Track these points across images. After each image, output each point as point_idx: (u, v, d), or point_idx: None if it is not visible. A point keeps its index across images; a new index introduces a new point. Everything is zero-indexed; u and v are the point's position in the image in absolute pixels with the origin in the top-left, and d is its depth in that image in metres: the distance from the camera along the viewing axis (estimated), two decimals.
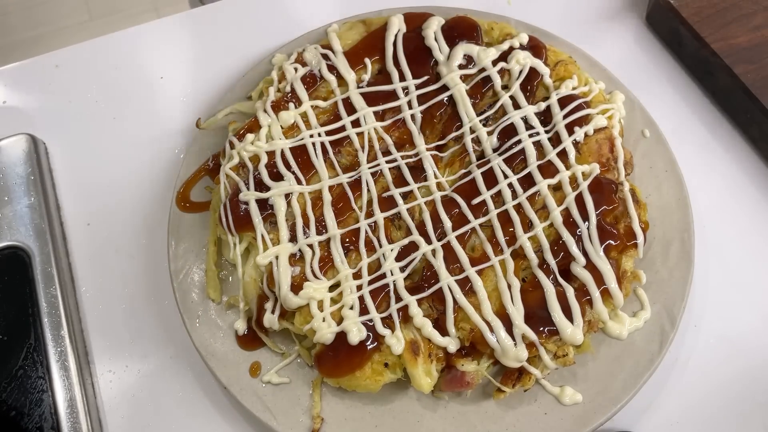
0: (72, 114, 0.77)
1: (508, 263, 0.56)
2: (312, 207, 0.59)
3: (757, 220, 0.67)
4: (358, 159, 0.63)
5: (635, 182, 0.64)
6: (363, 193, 0.60)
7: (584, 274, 0.55)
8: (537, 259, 0.57)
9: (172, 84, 0.78)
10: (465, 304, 0.54)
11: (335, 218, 0.59)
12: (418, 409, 0.56)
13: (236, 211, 0.59)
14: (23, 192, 0.68)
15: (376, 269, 0.57)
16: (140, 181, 0.72)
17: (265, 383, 0.57)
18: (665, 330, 0.57)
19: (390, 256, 0.57)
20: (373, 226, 0.59)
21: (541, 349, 0.53)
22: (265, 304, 0.57)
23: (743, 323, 0.62)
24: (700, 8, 0.74)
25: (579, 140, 0.62)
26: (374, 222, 0.59)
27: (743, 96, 0.69)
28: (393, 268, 0.56)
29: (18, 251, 0.65)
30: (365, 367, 0.53)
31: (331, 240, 0.58)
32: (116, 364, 0.62)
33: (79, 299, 0.65)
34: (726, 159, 0.71)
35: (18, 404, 0.58)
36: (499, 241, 0.57)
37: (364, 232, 0.58)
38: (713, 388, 0.59)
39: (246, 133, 0.64)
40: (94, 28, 2.05)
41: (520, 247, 0.57)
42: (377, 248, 0.58)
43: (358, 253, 0.58)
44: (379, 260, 0.57)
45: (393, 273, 0.56)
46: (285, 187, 0.60)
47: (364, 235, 0.58)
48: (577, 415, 0.54)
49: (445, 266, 0.56)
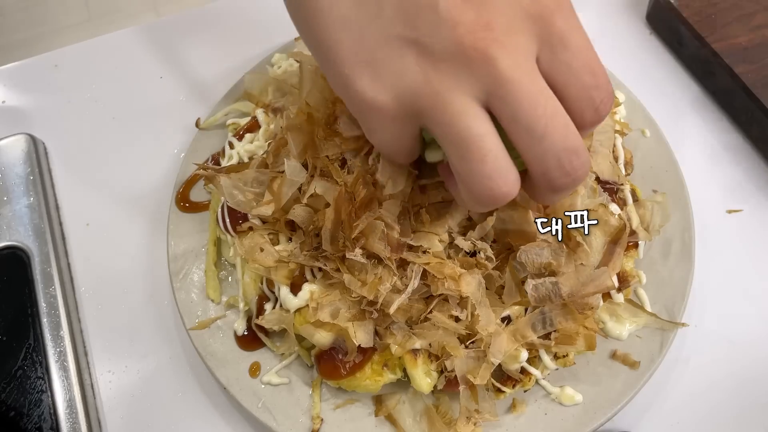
0: (71, 114, 0.77)
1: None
2: None
3: (757, 219, 0.67)
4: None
5: (635, 182, 0.64)
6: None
7: None
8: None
9: (172, 84, 0.78)
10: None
11: None
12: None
13: (234, 212, 0.59)
14: (22, 192, 0.68)
15: None
16: (140, 181, 0.72)
17: (264, 384, 0.56)
18: (665, 330, 0.56)
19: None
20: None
21: (541, 349, 0.53)
22: (265, 304, 0.57)
23: (744, 323, 0.62)
24: (700, 8, 0.74)
25: None
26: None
27: (744, 96, 0.69)
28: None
29: (17, 251, 0.65)
30: (365, 367, 0.53)
31: None
32: (116, 365, 0.62)
33: (78, 299, 0.65)
34: (726, 158, 0.71)
35: (17, 405, 0.58)
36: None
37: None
38: (714, 388, 0.59)
39: (245, 133, 0.64)
40: (93, 27, 2.05)
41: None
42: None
43: None
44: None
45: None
46: None
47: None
48: (577, 415, 0.54)
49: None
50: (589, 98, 0.36)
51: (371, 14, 0.35)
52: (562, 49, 0.35)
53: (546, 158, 0.35)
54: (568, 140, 0.35)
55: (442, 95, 0.35)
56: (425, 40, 0.34)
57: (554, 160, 0.35)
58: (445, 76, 0.34)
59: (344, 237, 0.50)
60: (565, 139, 0.34)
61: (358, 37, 0.36)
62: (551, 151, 0.35)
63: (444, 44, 0.33)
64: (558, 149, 0.35)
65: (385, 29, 0.35)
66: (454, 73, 0.34)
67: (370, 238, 0.49)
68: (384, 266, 0.50)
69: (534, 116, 0.34)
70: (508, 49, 0.33)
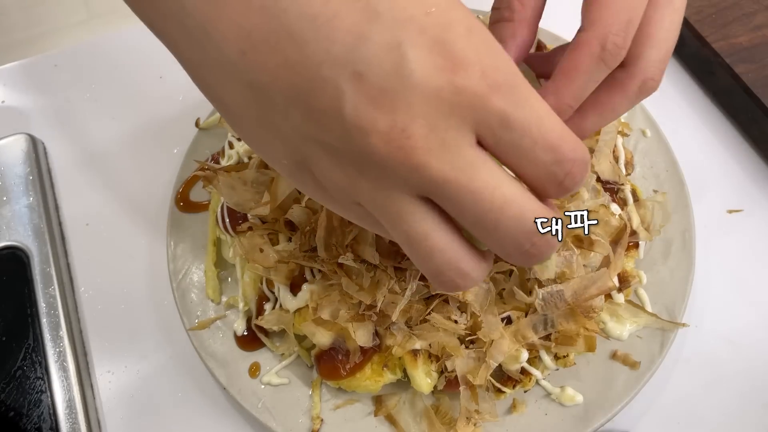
0: (71, 114, 0.77)
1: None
2: None
3: (757, 219, 0.67)
4: None
5: (636, 182, 0.64)
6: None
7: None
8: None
9: (171, 84, 0.78)
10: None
11: None
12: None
13: (234, 212, 0.59)
14: (22, 192, 0.68)
15: None
16: (139, 181, 0.72)
17: (264, 384, 0.56)
18: (666, 330, 0.56)
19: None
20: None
21: (542, 349, 0.53)
22: (264, 304, 0.57)
23: (745, 323, 0.62)
24: (700, 7, 0.74)
25: None
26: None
27: (744, 95, 0.69)
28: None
29: (16, 251, 0.65)
30: (365, 367, 0.53)
31: None
32: (115, 365, 0.62)
33: (77, 299, 0.65)
34: (727, 158, 0.71)
35: (16, 405, 0.58)
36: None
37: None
38: (714, 388, 0.59)
39: None
40: (93, 27, 2.05)
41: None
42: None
43: None
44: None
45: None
46: None
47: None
48: (577, 415, 0.54)
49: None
50: (549, 175, 0.31)
51: (279, 116, 0.32)
52: (504, 130, 0.30)
53: (503, 245, 0.32)
54: (526, 225, 0.31)
55: (374, 201, 0.32)
56: (339, 146, 0.30)
57: (513, 246, 0.32)
58: (374, 182, 0.31)
59: (337, 243, 0.50)
60: (521, 225, 0.31)
61: (277, 140, 0.33)
62: (507, 238, 0.31)
63: (362, 153, 0.29)
64: (513, 236, 0.31)
65: (298, 130, 0.31)
66: (383, 178, 0.30)
67: (361, 245, 0.48)
68: (381, 270, 0.50)
69: (480, 213, 0.30)
70: (434, 151, 0.29)
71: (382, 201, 0.31)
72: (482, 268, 0.34)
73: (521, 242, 0.32)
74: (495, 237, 0.31)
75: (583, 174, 0.32)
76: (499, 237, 0.31)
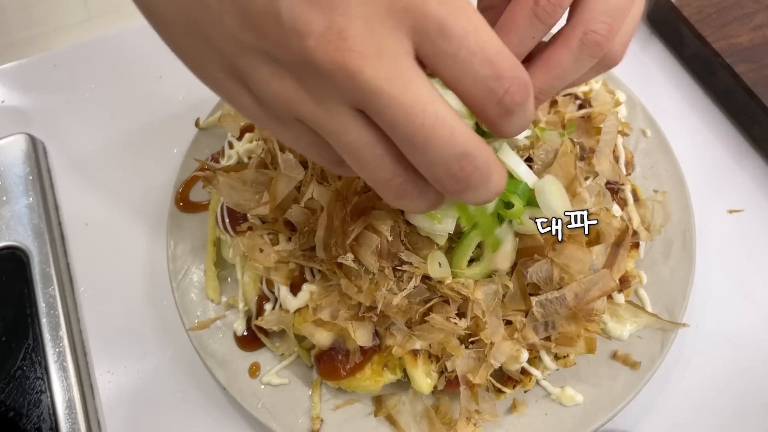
0: (70, 114, 0.77)
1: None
2: None
3: (758, 219, 0.67)
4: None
5: (636, 182, 0.64)
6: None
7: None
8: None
9: (171, 84, 0.78)
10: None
11: None
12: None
13: (234, 212, 0.59)
14: (21, 192, 0.68)
15: None
16: (139, 181, 0.71)
17: (264, 384, 0.56)
18: (666, 330, 0.56)
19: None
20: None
21: (542, 350, 0.53)
22: (264, 304, 0.57)
23: (745, 323, 0.62)
24: (701, 7, 0.74)
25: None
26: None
27: (744, 95, 0.69)
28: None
29: (16, 251, 0.65)
30: (365, 368, 0.53)
31: None
32: (115, 365, 0.62)
33: (77, 299, 0.65)
34: (727, 158, 0.71)
35: (16, 405, 0.57)
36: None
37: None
38: (715, 388, 0.59)
39: (245, 133, 0.64)
40: (92, 27, 2.05)
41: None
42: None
43: None
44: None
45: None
46: None
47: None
48: (577, 415, 0.54)
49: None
50: (487, 91, 0.31)
51: (212, 22, 0.31)
52: (443, 39, 0.29)
53: (433, 168, 0.31)
54: (456, 147, 0.30)
55: (315, 114, 0.31)
56: (276, 54, 0.30)
57: (442, 169, 0.31)
58: (313, 94, 0.30)
59: (336, 244, 0.49)
60: (451, 146, 0.30)
61: (211, 50, 0.32)
62: (437, 160, 0.31)
63: (299, 59, 0.29)
64: (444, 158, 0.31)
65: (234, 37, 0.30)
66: (319, 87, 0.30)
67: (363, 248, 0.48)
68: (379, 271, 0.50)
69: (411, 129, 0.30)
70: (369, 58, 0.28)
71: (323, 114, 0.31)
72: (428, 193, 0.34)
73: (450, 164, 0.31)
74: (424, 157, 0.31)
75: (523, 95, 0.31)
76: (429, 158, 0.31)
